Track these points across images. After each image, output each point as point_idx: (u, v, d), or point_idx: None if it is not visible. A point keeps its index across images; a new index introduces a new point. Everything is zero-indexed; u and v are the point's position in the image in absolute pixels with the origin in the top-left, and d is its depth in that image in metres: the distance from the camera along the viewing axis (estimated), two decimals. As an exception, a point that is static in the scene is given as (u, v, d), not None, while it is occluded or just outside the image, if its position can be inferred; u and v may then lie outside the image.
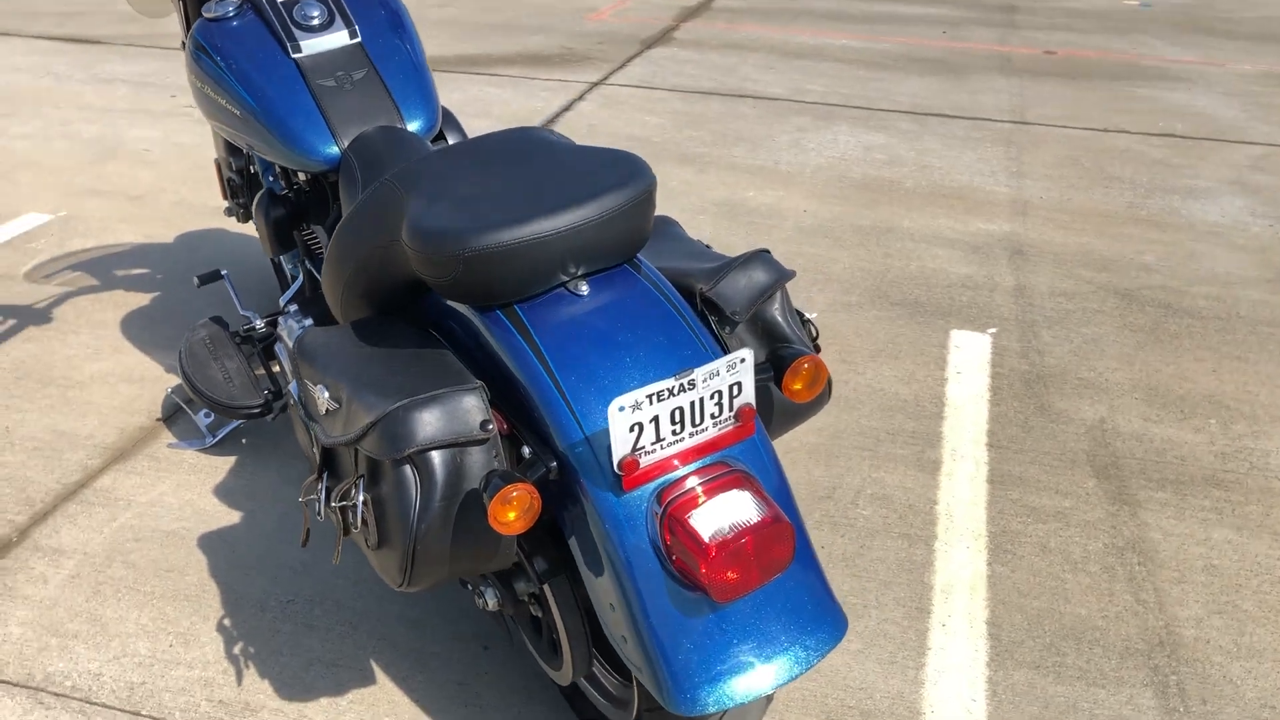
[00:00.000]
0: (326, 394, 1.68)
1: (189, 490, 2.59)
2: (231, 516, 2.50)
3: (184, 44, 2.68)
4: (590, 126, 5.13)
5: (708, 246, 1.95)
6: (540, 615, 1.80)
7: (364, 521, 1.60)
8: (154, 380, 3.03)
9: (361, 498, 1.59)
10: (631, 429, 1.44)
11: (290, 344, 2.46)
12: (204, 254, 3.76)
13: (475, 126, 5.07)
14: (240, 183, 3.00)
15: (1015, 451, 2.79)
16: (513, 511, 1.46)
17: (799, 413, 1.84)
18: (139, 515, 2.51)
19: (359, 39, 2.41)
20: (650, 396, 1.43)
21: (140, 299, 3.47)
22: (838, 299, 3.55)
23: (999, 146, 4.97)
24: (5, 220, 4.04)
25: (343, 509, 1.64)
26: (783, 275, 1.79)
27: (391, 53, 2.42)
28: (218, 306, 3.39)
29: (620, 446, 1.45)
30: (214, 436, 2.75)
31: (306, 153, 2.27)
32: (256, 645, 2.15)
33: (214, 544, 2.42)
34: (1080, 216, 4.22)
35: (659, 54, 6.52)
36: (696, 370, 1.45)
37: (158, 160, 4.62)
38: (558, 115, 5.31)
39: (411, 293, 1.81)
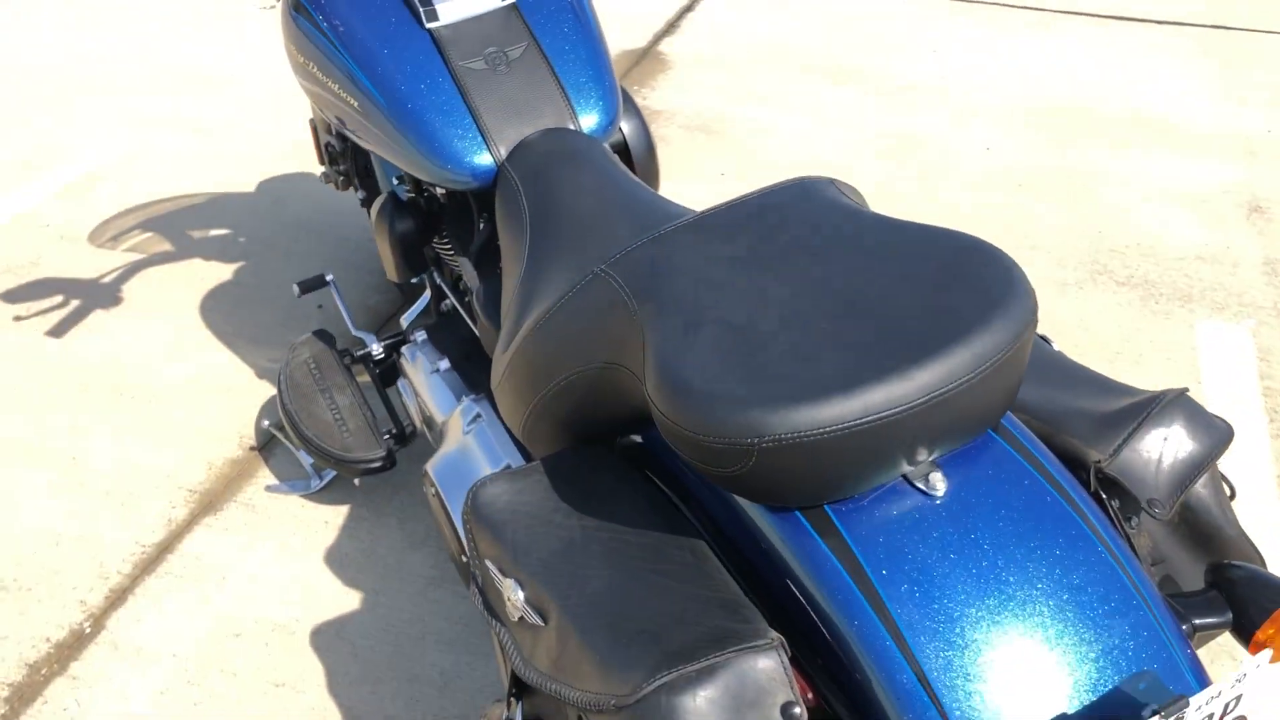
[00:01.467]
0: (522, 595, 1.15)
1: (296, 558, 2.10)
2: (350, 599, 2.02)
3: None
4: (715, 29, 4.43)
5: (1084, 369, 1.34)
6: None
7: None
8: (244, 390, 2.52)
9: None
10: None
11: (424, 394, 1.92)
12: (292, 210, 3.20)
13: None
14: (341, 148, 2.43)
15: (1319, 513, 2.21)
16: None
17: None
18: (238, 596, 2.03)
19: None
20: None
21: (222, 272, 2.94)
22: (1051, 274, 2.93)
23: (1203, 60, 4.21)
24: (61, 160, 3.51)
25: None
26: (1219, 438, 1.20)
27: (557, 18, 1.81)
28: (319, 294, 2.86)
29: None
30: (320, 479, 2.25)
31: (449, 165, 1.70)
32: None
33: (332, 644, 1.94)
34: (1322, 157, 3.52)
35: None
36: (1191, 700, 0.90)
37: (240, 82, 4.03)
38: (679, 18, 4.61)
39: (631, 425, 1.27)
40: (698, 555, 1.12)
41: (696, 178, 3.36)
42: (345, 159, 2.44)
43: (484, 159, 1.69)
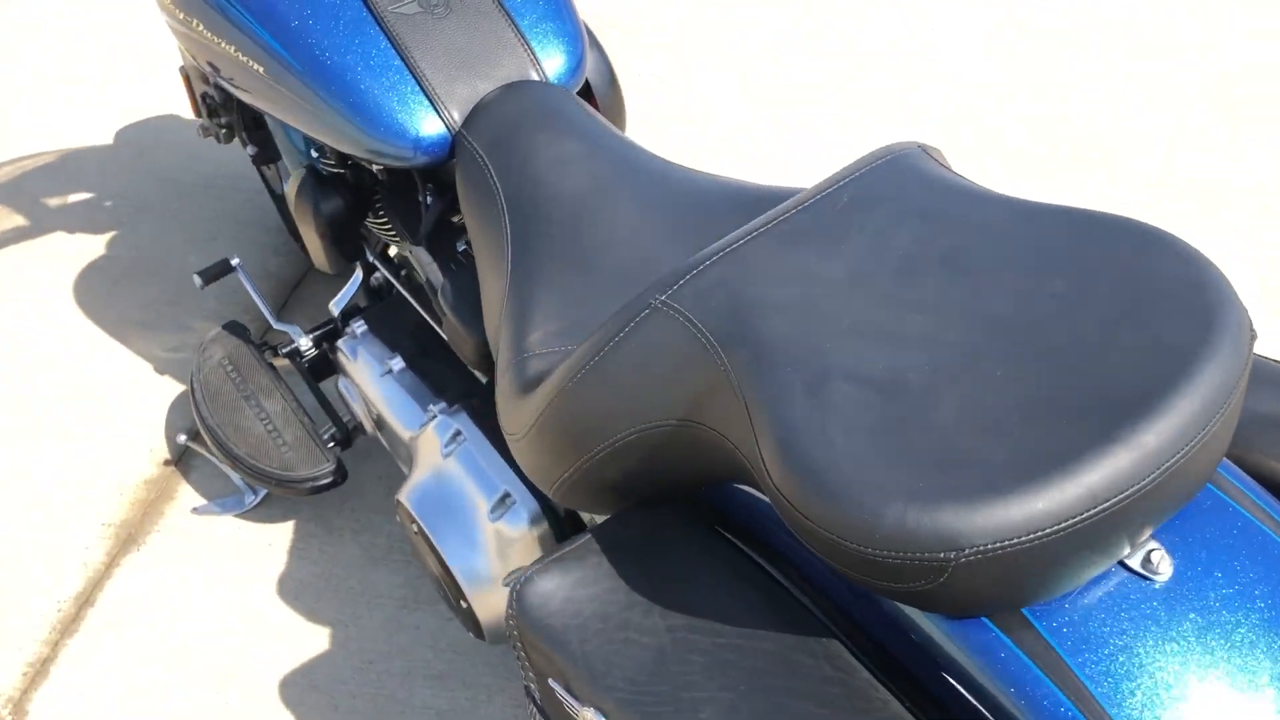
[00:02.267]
0: (605, 725, 0.92)
1: (242, 590, 1.83)
2: (315, 636, 1.76)
3: None
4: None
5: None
6: None
7: None
8: (143, 390, 2.19)
9: None
10: None
11: (377, 400, 1.65)
12: (162, 162, 2.80)
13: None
14: (222, 99, 2.07)
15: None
16: None
17: None
18: (182, 646, 1.75)
19: None
20: None
21: (90, 245, 2.55)
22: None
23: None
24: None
25: None
26: None
27: None
28: (218, 252, 2.50)
29: None
30: (255, 494, 1.96)
31: (390, 138, 1.39)
32: None
33: (304, 695, 1.69)
34: None
35: None
36: None
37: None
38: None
39: (711, 480, 1.03)
40: (837, 663, 0.90)
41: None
42: (229, 110, 2.08)
43: (434, 127, 1.39)
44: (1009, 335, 0.85)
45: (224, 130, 2.17)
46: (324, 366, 1.92)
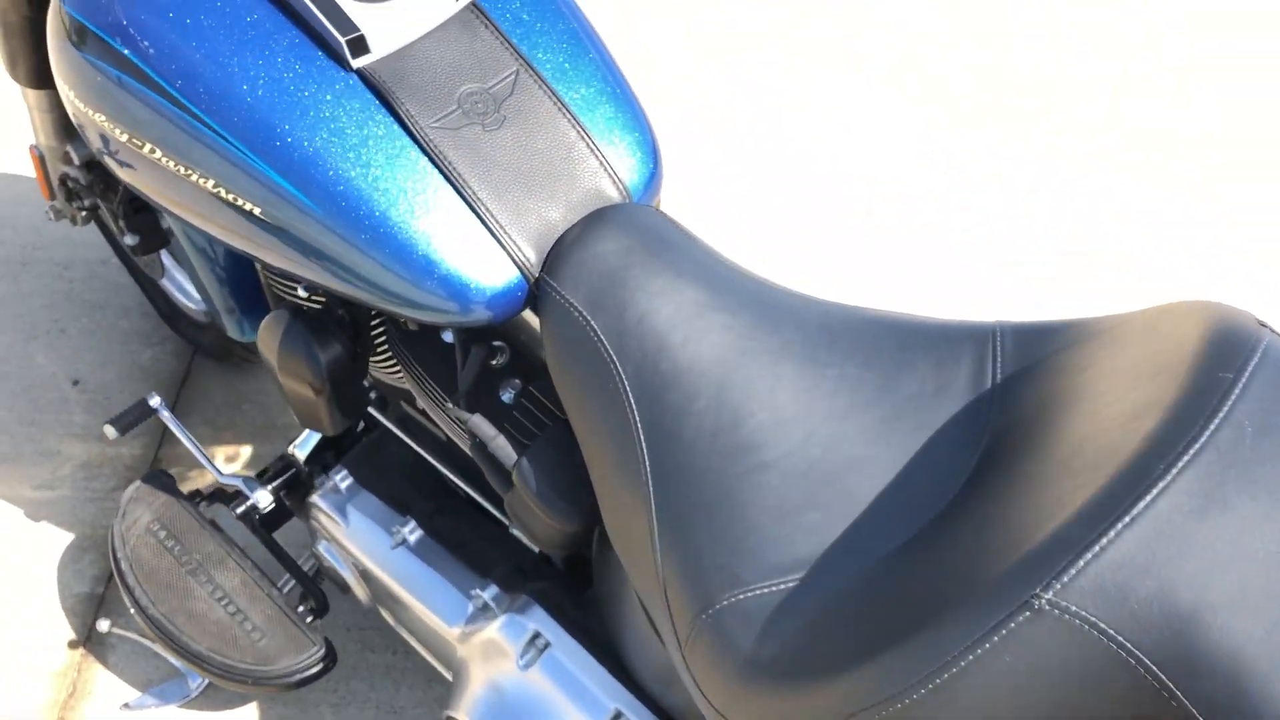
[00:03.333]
0: None
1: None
2: None
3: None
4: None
5: None
6: None
7: None
8: (25, 541, 1.76)
9: None
10: None
11: (390, 583, 1.34)
12: (18, 238, 2.28)
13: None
14: (86, 181, 1.68)
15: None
16: None
17: None
18: None
19: None
20: None
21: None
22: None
23: None
24: None
25: None
26: None
27: (543, 18, 1.16)
28: (69, 366, 2.04)
29: None
30: (199, 678, 1.60)
31: (449, 292, 1.06)
32: None
33: None
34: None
35: None
36: None
37: None
38: None
39: None
40: None
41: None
42: (98, 193, 1.68)
43: (505, 274, 1.07)
44: None
45: (84, 214, 1.77)
46: (278, 515, 1.57)
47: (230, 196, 1.08)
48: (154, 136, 1.09)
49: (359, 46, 1.06)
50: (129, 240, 1.66)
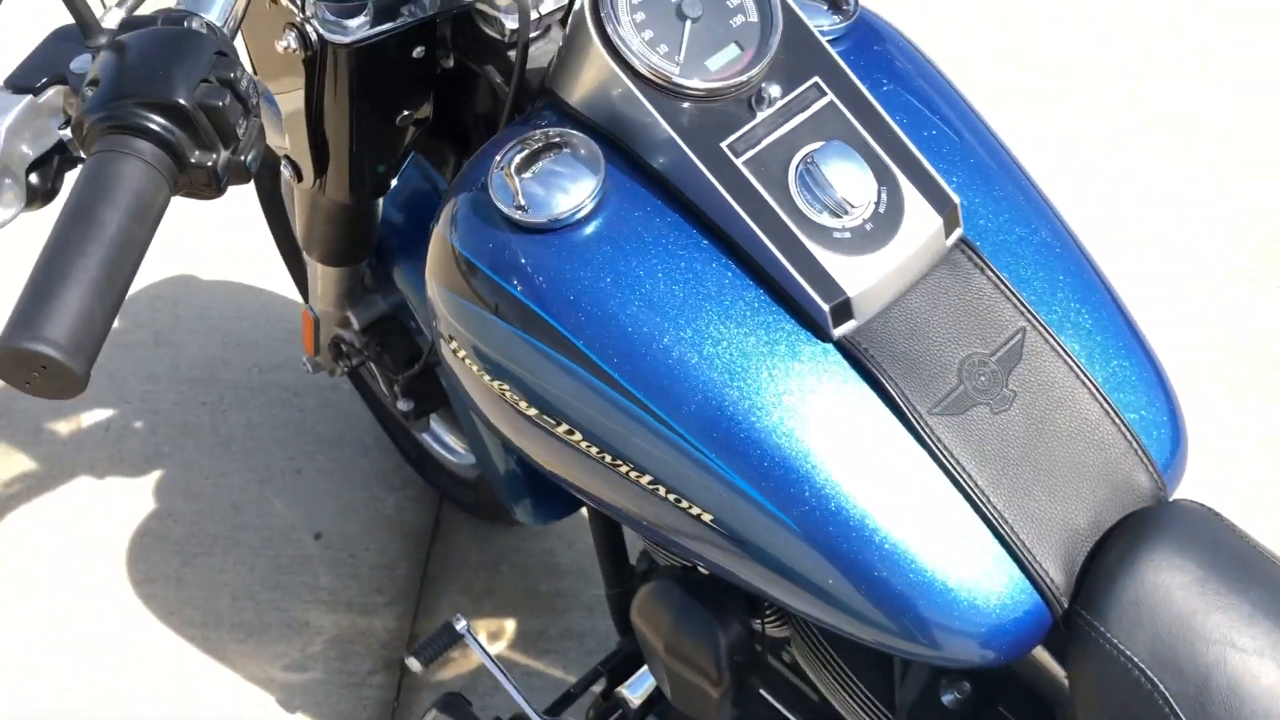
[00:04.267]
0: None
1: None
2: None
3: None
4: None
5: None
6: None
7: None
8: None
9: None
10: None
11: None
12: (190, 351, 2.11)
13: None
14: (360, 345, 1.51)
15: None
16: None
17: None
18: None
19: (958, 227, 0.88)
20: None
21: (123, 494, 1.90)
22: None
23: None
24: None
25: None
26: None
27: (1044, 253, 0.92)
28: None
29: None
30: None
31: (949, 630, 0.83)
32: None
33: None
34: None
35: None
36: None
37: None
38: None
39: None
40: None
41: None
42: (367, 356, 1.52)
43: (1024, 605, 0.84)
44: None
45: (347, 371, 1.62)
46: None
47: (672, 498, 0.86)
48: (580, 421, 0.87)
49: (843, 313, 0.83)
50: (403, 406, 1.51)
